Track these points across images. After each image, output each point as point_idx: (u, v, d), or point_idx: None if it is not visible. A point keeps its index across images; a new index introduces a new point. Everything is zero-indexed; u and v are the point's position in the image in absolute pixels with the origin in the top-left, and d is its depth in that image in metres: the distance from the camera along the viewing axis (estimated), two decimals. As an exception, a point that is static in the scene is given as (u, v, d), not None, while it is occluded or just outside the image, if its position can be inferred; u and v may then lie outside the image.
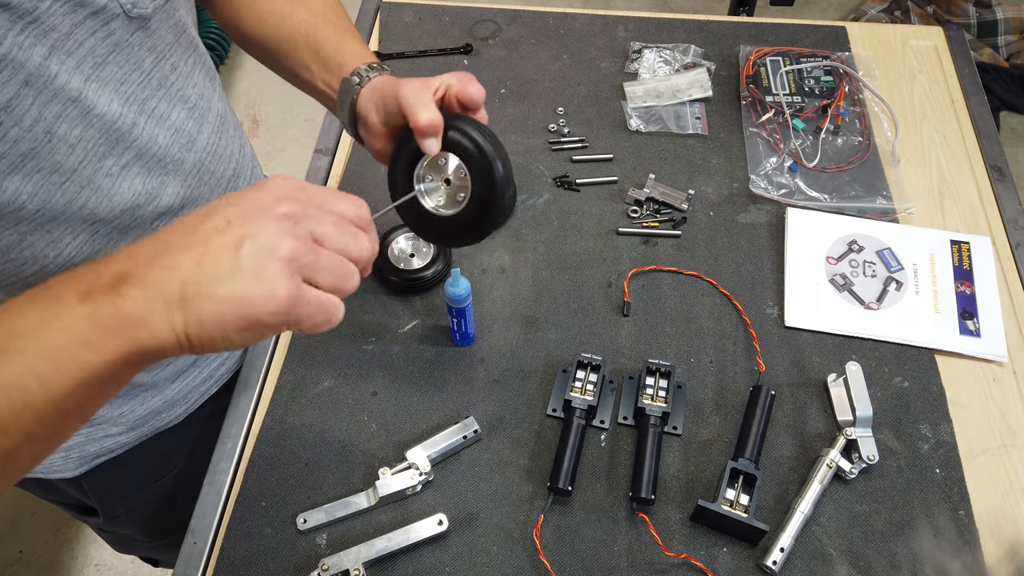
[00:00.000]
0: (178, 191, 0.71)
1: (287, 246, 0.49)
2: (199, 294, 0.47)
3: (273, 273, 0.48)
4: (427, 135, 0.65)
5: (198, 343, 0.49)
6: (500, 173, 0.67)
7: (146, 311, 0.47)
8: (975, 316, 0.91)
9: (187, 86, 0.71)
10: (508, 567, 0.75)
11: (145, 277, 0.47)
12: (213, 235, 0.49)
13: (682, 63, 1.17)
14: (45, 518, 1.79)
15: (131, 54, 0.63)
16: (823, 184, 1.03)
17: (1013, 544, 0.76)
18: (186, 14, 0.72)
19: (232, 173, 0.80)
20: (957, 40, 1.20)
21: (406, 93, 0.66)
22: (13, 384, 0.45)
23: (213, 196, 0.77)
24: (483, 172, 0.67)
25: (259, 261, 0.48)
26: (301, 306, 0.49)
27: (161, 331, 0.47)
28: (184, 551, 0.77)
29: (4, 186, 0.55)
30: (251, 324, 0.49)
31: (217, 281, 0.47)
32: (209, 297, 0.47)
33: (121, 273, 0.47)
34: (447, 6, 1.26)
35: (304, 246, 0.50)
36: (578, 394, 0.82)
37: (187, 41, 0.72)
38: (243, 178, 0.83)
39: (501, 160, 0.67)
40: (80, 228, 0.63)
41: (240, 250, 0.48)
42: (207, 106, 0.75)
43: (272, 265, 0.48)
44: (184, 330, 0.48)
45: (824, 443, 0.82)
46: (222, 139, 0.78)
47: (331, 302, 0.52)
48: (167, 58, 0.68)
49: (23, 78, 0.54)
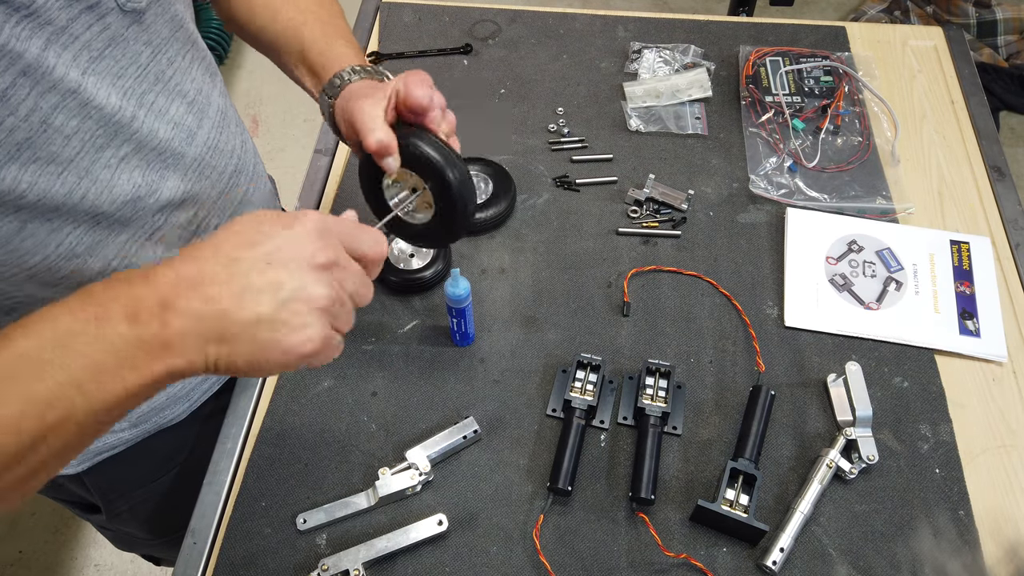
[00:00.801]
0: (179, 185, 0.72)
1: (325, 297, 0.53)
2: (239, 336, 0.51)
3: (312, 322, 0.52)
4: (381, 156, 0.68)
5: (223, 369, 0.52)
6: (455, 181, 0.69)
7: (187, 341, 0.50)
8: (975, 316, 0.91)
9: (185, 81, 0.71)
10: (508, 567, 0.75)
11: (186, 308, 0.50)
12: (252, 272, 0.51)
13: (682, 63, 1.17)
14: (45, 518, 1.79)
15: (127, 48, 0.64)
16: (823, 184, 1.03)
17: (1013, 544, 0.76)
18: (183, 9, 0.72)
19: (234, 168, 0.80)
20: (957, 40, 1.20)
21: (357, 116, 0.69)
22: (58, 396, 0.47)
23: (215, 191, 0.78)
24: (440, 183, 0.70)
25: (298, 310, 0.51)
26: (327, 350, 0.54)
27: (196, 360, 0.51)
28: (184, 551, 0.77)
29: (2, 175, 0.56)
30: (281, 365, 0.52)
31: (257, 325, 0.51)
32: (249, 340, 0.51)
33: (165, 300, 0.50)
34: (447, 6, 1.26)
35: (337, 297, 0.54)
36: (578, 394, 0.82)
37: (184, 36, 0.72)
38: (244, 174, 0.83)
39: (453, 168, 0.69)
40: (81, 219, 0.64)
41: (279, 295, 0.51)
42: (207, 101, 0.75)
43: (311, 315, 0.52)
44: (215, 360, 0.51)
45: (824, 443, 0.82)
46: (223, 134, 0.78)
47: (341, 342, 0.57)
48: (163, 52, 0.68)
49: (20, 68, 0.54)
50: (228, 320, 0.50)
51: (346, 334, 0.57)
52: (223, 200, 0.79)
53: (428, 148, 0.68)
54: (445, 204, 0.71)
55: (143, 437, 0.88)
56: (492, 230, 0.99)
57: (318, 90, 0.80)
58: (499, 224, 1.00)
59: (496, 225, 0.99)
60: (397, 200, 0.74)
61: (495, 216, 0.98)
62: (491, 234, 0.99)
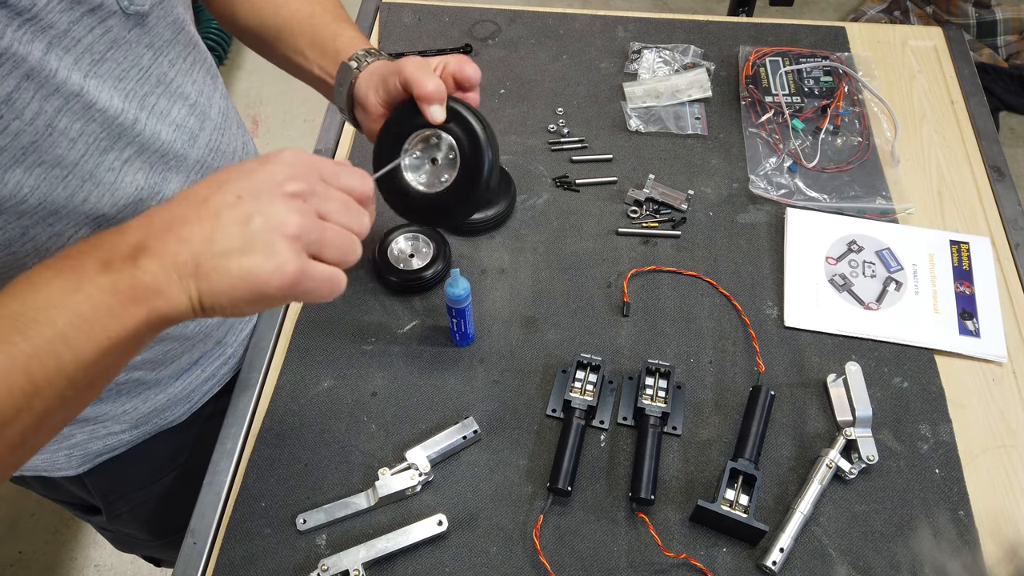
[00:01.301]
0: (181, 187, 0.72)
1: (294, 223, 0.52)
2: (212, 267, 0.51)
3: (281, 249, 0.51)
4: (433, 102, 0.67)
5: (210, 309, 0.52)
6: (489, 160, 0.69)
7: (163, 280, 0.50)
8: (974, 316, 0.91)
9: (187, 83, 0.72)
10: (508, 567, 0.75)
11: (161, 248, 0.51)
12: (223, 209, 0.52)
13: (682, 63, 1.17)
14: (45, 519, 1.78)
15: (129, 51, 0.64)
16: (823, 184, 1.03)
17: (1013, 544, 0.76)
18: (184, 12, 0.72)
19: None
20: (956, 40, 1.20)
21: (410, 68, 0.68)
22: (46, 351, 0.48)
23: None
24: (474, 157, 0.69)
25: (268, 238, 0.51)
26: (307, 280, 0.53)
27: (177, 299, 0.51)
28: (184, 551, 0.77)
29: (6, 179, 0.56)
30: (259, 296, 0.52)
31: (228, 255, 0.51)
32: (221, 270, 0.51)
33: (138, 244, 0.51)
34: (447, 6, 1.26)
35: (310, 223, 0.53)
36: (578, 394, 0.82)
37: (186, 39, 0.72)
38: None
39: (492, 150, 0.69)
40: (83, 222, 0.64)
41: (249, 225, 0.51)
42: (208, 103, 0.75)
43: (280, 242, 0.51)
44: (198, 298, 0.51)
45: (824, 443, 0.82)
46: (225, 136, 0.78)
47: (335, 274, 0.55)
48: (165, 55, 0.68)
49: (24, 72, 0.54)
50: (202, 255, 0.51)
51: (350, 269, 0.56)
52: None
53: (475, 120, 0.68)
54: (470, 169, 0.69)
55: (143, 439, 0.88)
56: (492, 230, 0.99)
57: (334, 68, 0.78)
58: (499, 224, 1.00)
59: (496, 225, 0.99)
60: (409, 163, 0.72)
61: (495, 216, 0.98)
62: (491, 234, 0.99)
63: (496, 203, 0.99)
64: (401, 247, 0.95)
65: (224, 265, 0.51)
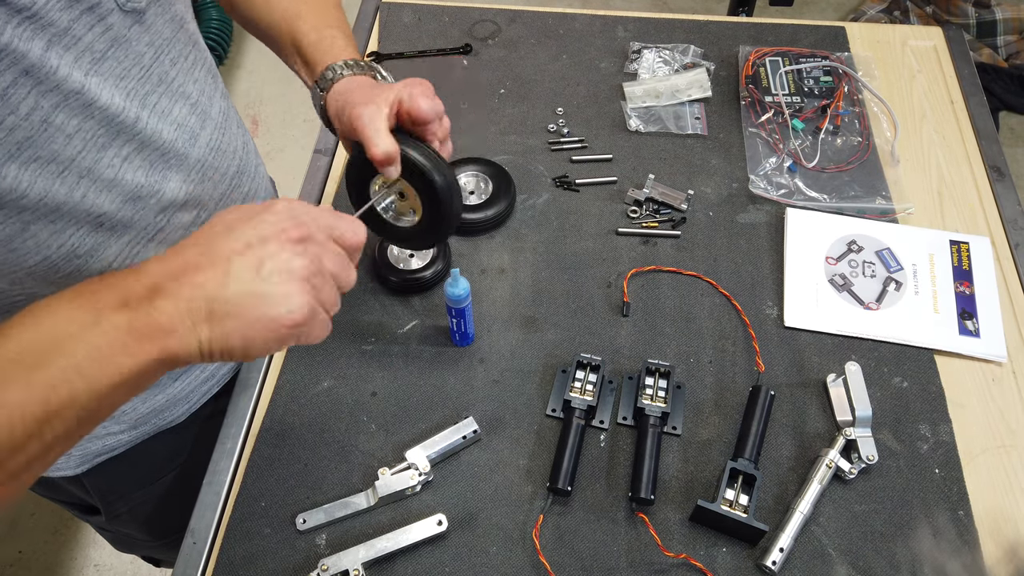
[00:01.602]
0: (181, 186, 0.72)
1: (303, 267, 0.56)
2: (226, 312, 0.54)
3: (294, 292, 0.55)
4: (383, 165, 0.70)
5: (219, 353, 0.55)
6: (450, 199, 0.73)
7: (177, 323, 0.53)
8: (974, 316, 0.91)
9: (188, 82, 0.72)
10: (507, 567, 0.75)
11: (176, 291, 0.53)
12: (234, 256, 0.55)
13: (681, 63, 1.17)
14: (45, 518, 1.79)
15: (129, 49, 0.64)
16: (822, 184, 1.03)
17: (1013, 544, 0.76)
18: (183, 9, 0.72)
19: (236, 169, 0.81)
20: (956, 40, 1.20)
21: (362, 120, 0.70)
22: (62, 380, 0.50)
23: (217, 192, 0.78)
24: (432, 198, 0.73)
25: (280, 282, 0.55)
26: (313, 321, 0.57)
27: (188, 341, 0.54)
28: (183, 551, 0.77)
29: (3, 173, 0.56)
30: (273, 338, 0.55)
31: (243, 300, 0.54)
32: (237, 316, 0.54)
33: (153, 286, 0.54)
34: (447, 6, 1.26)
35: (315, 266, 0.57)
36: (577, 394, 0.82)
37: (186, 37, 0.72)
38: (247, 174, 0.84)
39: (452, 190, 0.73)
40: (83, 219, 0.64)
41: (261, 271, 0.55)
42: (209, 102, 0.75)
43: (292, 285, 0.55)
44: (208, 342, 0.54)
45: (823, 443, 0.82)
46: (225, 135, 0.78)
47: (329, 319, 0.60)
48: (166, 53, 0.68)
49: (23, 68, 0.54)
50: (216, 300, 0.54)
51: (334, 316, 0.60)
52: (225, 201, 0.79)
53: (422, 159, 0.71)
54: (433, 212, 0.74)
55: (142, 439, 0.88)
56: (492, 230, 0.99)
57: (312, 81, 0.81)
58: (499, 224, 1.00)
59: (496, 225, 0.99)
60: (384, 204, 0.78)
61: (495, 216, 0.98)
62: (491, 234, 0.99)
63: (496, 203, 0.99)
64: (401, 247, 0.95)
65: (237, 310, 0.54)
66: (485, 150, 1.07)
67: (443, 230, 0.76)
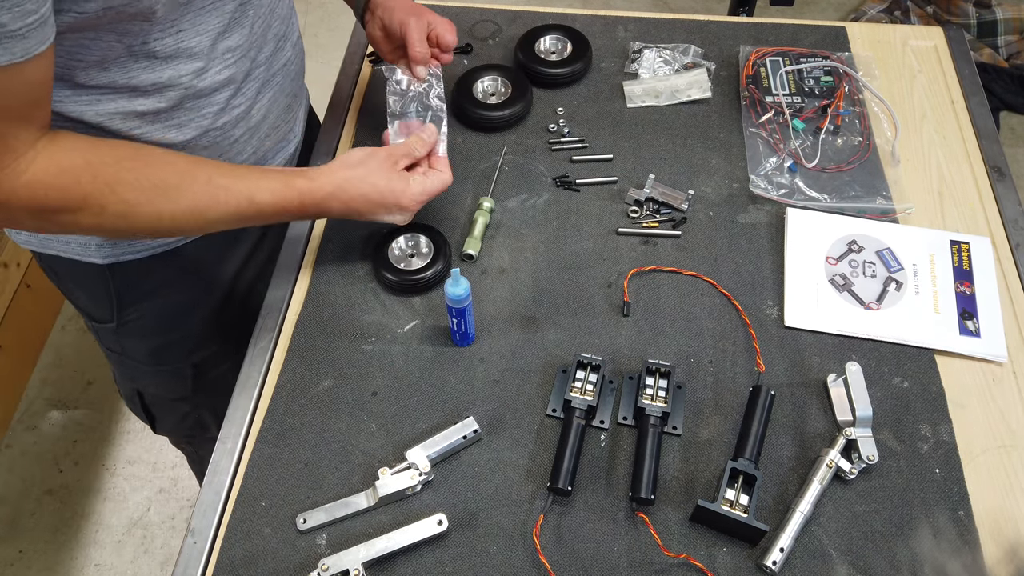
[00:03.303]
0: (242, 41, 0.84)
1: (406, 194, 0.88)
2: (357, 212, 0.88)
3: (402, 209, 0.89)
4: (418, 63, 0.95)
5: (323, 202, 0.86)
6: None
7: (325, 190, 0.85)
8: (975, 316, 0.91)
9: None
10: (508, 567, 0.75)
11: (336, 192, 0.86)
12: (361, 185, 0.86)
13: (682, 63, 1.17)
14: (45, 518, 1.79)
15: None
16: (823, 184, 1.03)
17: (1013, 544, 0.76)
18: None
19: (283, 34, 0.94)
20: (957, 40, 1.20)
21: (408, 26, 0.94)
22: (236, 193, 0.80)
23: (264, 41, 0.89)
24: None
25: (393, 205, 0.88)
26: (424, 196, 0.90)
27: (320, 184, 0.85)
28: (184, 551, 0.77)
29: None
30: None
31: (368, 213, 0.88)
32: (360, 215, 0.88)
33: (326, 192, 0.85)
34: (447, 6, 1.26)
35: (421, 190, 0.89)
36: (578, 394, 0.82)
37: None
38: (290, 40, 0.95)
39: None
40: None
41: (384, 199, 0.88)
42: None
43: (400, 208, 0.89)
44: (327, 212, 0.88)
45: (824, 443, 0.82)
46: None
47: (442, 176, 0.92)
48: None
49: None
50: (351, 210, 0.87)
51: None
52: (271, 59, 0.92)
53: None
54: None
55: (163, 249, 0.95)
56: (570, 84, 1.13)
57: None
58: (575, 80, 1.15)
59: (571, 81, 1.14)
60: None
61: (571, 73, 1.13)
62: (491, 234, 0.99)
63: (573, 63, 1.13)
64: (401, 247, 0.95)
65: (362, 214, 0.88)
66: (485, 150, 1.07)
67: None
